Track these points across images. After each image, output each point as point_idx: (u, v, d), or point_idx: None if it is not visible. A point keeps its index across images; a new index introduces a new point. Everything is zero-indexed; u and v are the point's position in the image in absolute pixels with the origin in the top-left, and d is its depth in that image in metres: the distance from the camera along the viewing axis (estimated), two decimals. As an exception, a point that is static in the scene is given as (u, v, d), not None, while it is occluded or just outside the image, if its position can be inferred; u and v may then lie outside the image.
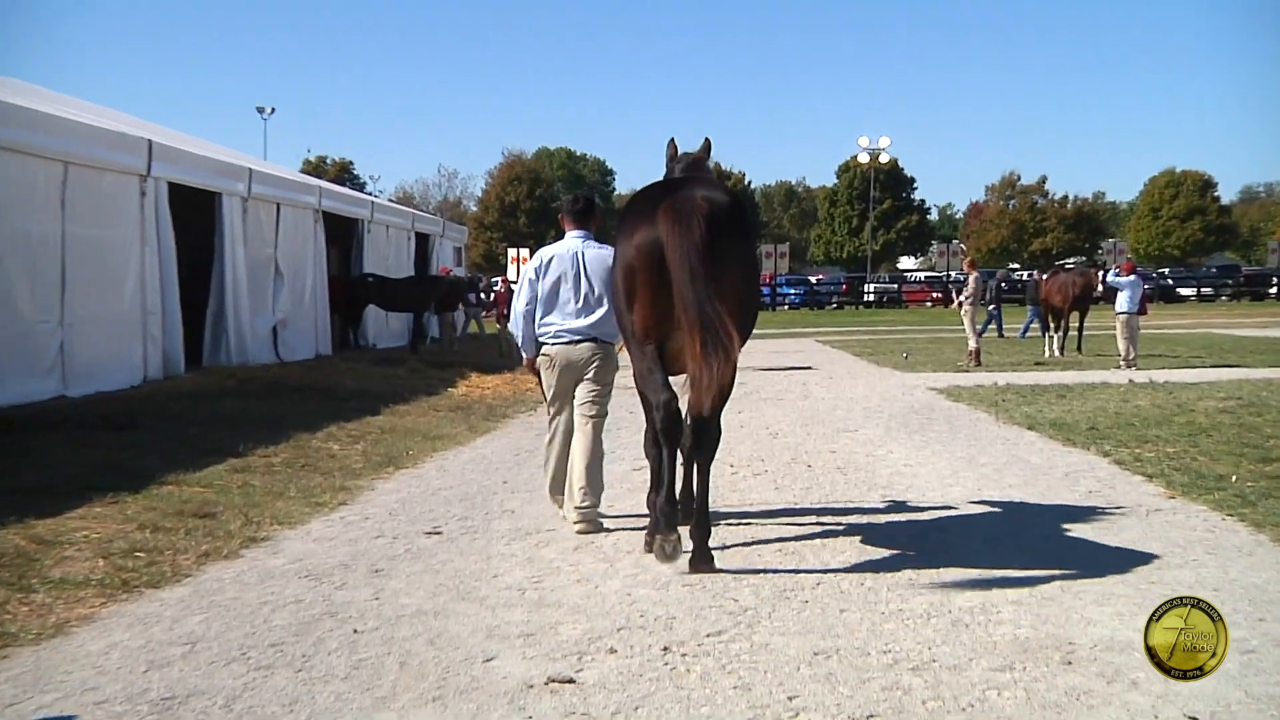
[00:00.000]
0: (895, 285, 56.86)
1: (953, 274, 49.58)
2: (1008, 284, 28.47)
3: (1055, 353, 19.19)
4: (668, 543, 4.96)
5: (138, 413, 9.67)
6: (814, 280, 58.98)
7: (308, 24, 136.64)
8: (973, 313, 17.70)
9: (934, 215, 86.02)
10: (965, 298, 18.13)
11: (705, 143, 6.28)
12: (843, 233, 74.21)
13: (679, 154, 6.21)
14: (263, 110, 61.49)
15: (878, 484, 7.42)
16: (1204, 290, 53.52)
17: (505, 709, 3.49)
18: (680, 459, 5.36)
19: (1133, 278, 17.20)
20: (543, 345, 6.03)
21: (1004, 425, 10.24)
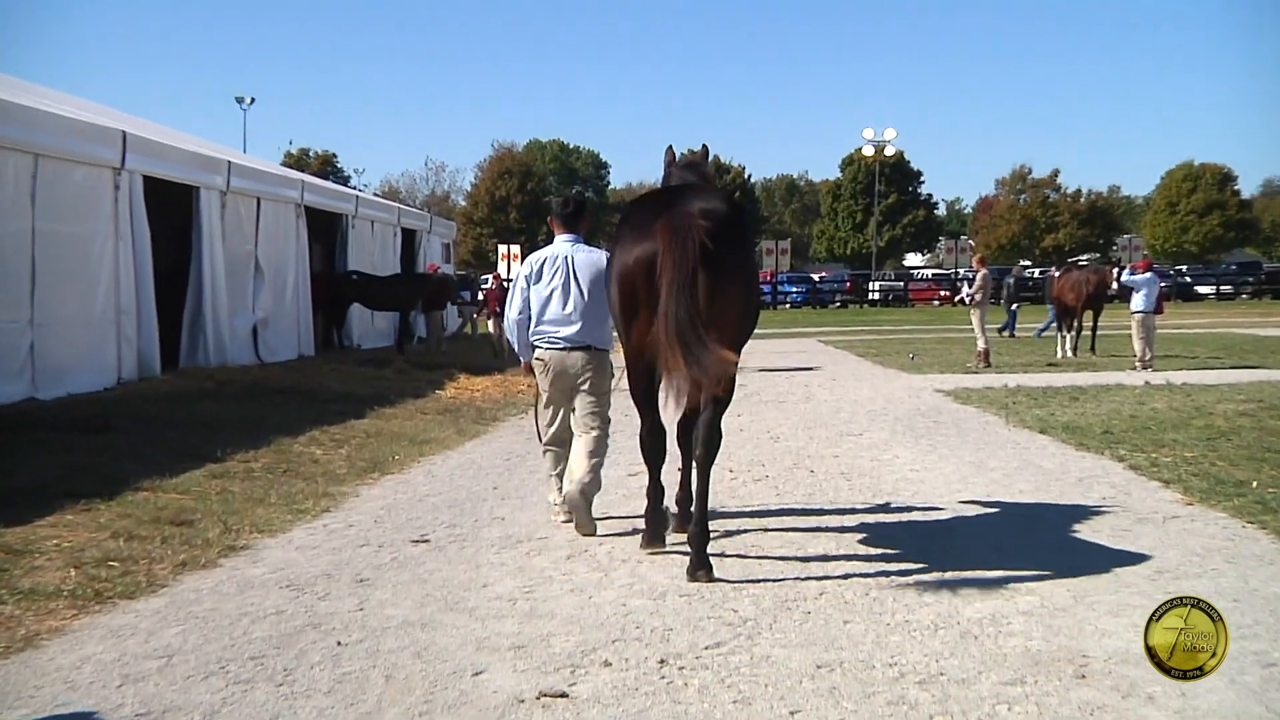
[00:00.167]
0: (901, 283, 57.01)
1: (961, 271, 49.60)
2: (1019, 282, 28.39)
3: (1068, 353, 19.23)
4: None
5: (111, 416, 9.67)
6: (817, 278, 59.11)
7: (288, 9, 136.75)
8: (981, 312, 17.70)
9: (942, 210, 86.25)
10: (972, 294, 18.15)
11: (703, 149, 6.59)
12: (846, 228, 74.39)
13: (677, 159, 6.49)
14: (242, 100, 61.49)
15: (883, 490, 7.44)
16: (1223, 288, 53.71)
17: (495, 725, 3.49)
18: (680, 464, 5.70)
19: (1149, 275, 17.23)
20: (536, 350, 6.16)
21: (1014, 429, 10.26)
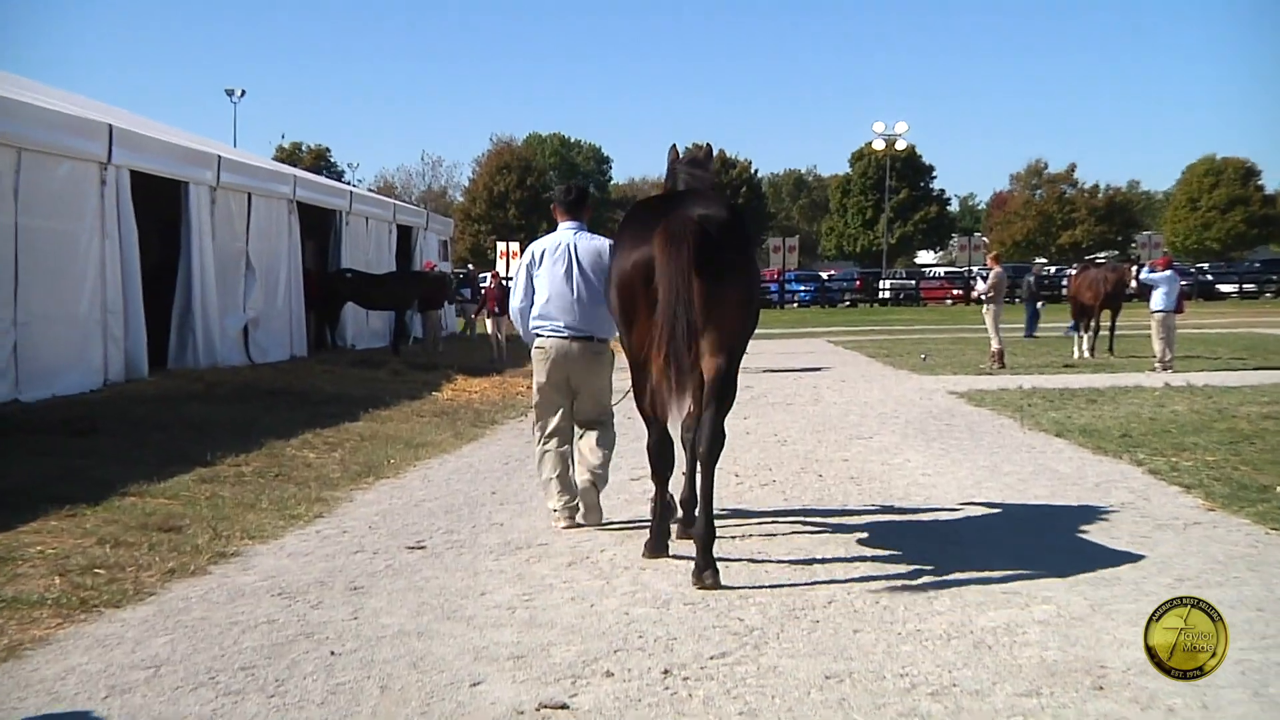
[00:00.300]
0: (913, 281, 56.96)
1: (974, 269, 49.61)
2: (1040, 280, 28.35)
3: (1085, 354, 19.22)
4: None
5: (98, 418, 9.69)
6: (825, 276, 59.10)
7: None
8: (995, 311, 17.69)
9: (954, 206, 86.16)
10: (986, 291, 18.13)
11: (706, 147, 6.71)
12: (856, 225, 74.35)
13: (680, 157, 6.59)
14: (232, 93, 61.58)
15: (893, 495, 7.44)
16: (1246, 286, 53.60)
17: (493, 737, 3.50)
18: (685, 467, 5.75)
19: (1169, 273, 17.24)
20: (537, 338, 6.31)
21: (1030, 432, 10.26)
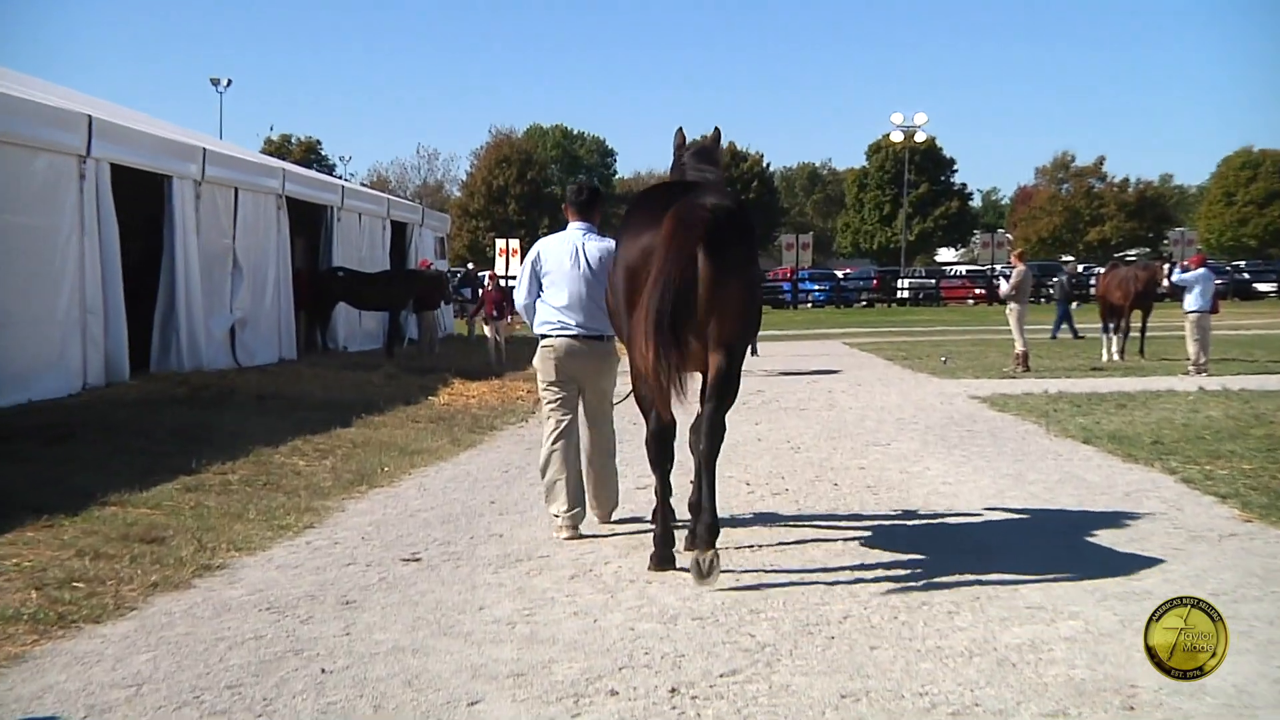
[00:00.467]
0: (933, 280, 56.86)
1: (998, 268, 49.55)
2: (1073, 279, 28.26)
3: (1114, 356, 19.18)
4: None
5: (76, 424, 9.70)
6: (841, 275, 59.05)
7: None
8: (1020, 311, 17.66)
9: (977, 201, 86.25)
10: (1009, 291, 18.09)
11: (715, 131, 6.77)
12: (873, 221, 74.38)
13: (687, 142, 6.68)
14: (218, 82, 61.87)
15: (912, 504, 7.43)
16: (1285, 285, 53.35)
17: (491, 759, 3.49)
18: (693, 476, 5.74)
19: (1203, 271, 17.20)
20: (543, 336, 6.43)
21: (1056, 438, 10.25)
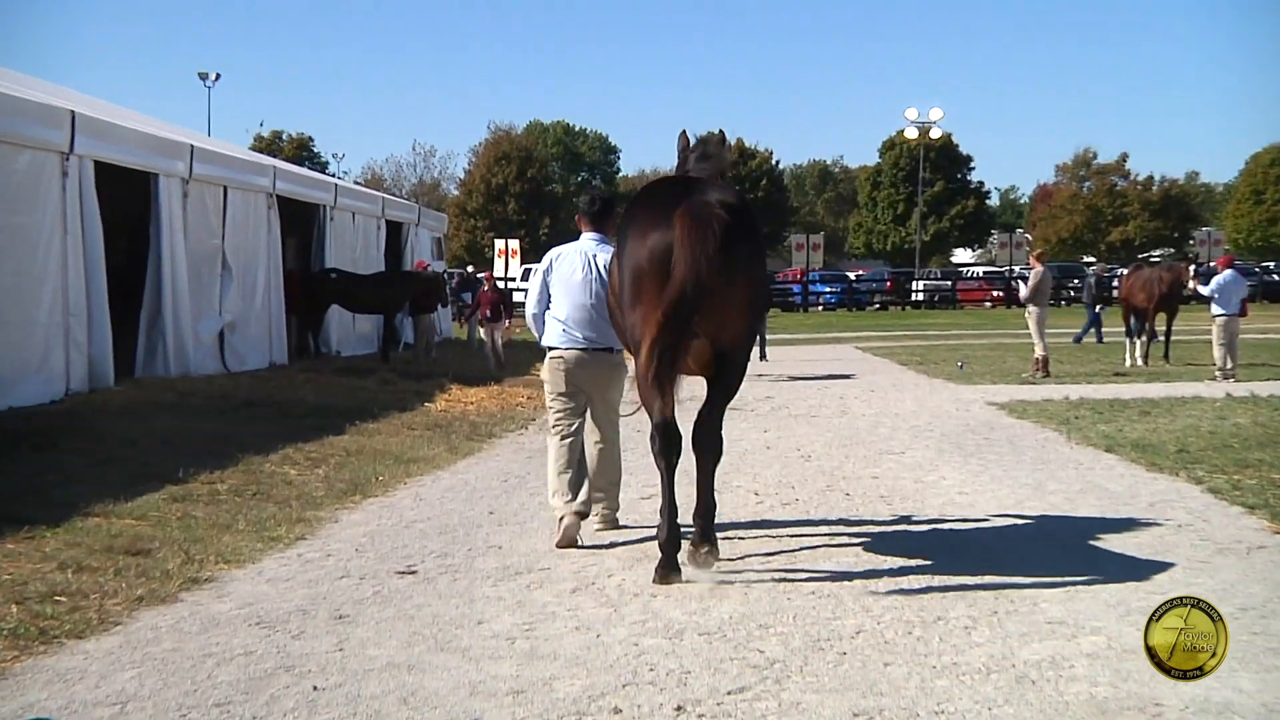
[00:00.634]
0: (949, 282, 56.80)
1: (1016, 269, 49.45)
2: (1101, 281, 28.16)
3: (1138, 361, 19.17)
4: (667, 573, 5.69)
5: (59, 432, 9.72)
6: (853, 276, 59.06)
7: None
8: (1039, 314, 17.62)
9: (994, 200, 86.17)
10: (1028, 294, 18.08)
11: (719, 135, 6.92)
12: (887, 221, 74.30)
13: (690, 144, 6.80)
14: (206, 77, 61.93)
15: (928, 515, 7.43)
16: (1317, 288, 53.25)
17: (490, 779, 3.50)
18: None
19: (1231, 273, 17.18)
20: (552, 347, 6.59)
21: (1077, 446, 10.24)
